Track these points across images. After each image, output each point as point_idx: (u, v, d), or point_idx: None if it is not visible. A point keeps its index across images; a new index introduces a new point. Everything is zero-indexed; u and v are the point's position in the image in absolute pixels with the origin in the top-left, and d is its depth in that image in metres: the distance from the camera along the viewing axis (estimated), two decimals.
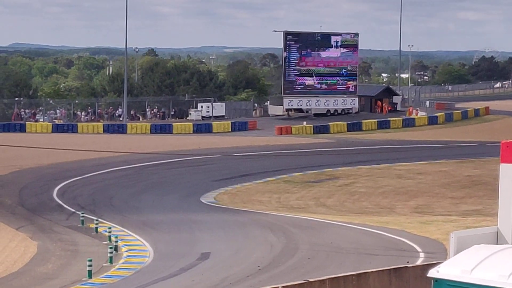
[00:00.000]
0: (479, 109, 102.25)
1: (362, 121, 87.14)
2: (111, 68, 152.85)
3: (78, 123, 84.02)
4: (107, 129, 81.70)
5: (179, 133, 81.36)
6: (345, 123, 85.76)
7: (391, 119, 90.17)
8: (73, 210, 40.65)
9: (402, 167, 57.52)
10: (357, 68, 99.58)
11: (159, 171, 54.79)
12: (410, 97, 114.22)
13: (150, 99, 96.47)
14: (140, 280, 26.40)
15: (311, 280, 15.95)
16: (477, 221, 35.84)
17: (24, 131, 79.71)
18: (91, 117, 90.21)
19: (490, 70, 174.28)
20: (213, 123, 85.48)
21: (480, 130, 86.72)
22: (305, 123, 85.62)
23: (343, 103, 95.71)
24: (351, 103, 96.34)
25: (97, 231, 35.06)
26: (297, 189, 48.73)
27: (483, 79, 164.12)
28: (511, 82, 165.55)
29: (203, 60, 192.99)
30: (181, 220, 37.98)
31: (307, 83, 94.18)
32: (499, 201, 15.06)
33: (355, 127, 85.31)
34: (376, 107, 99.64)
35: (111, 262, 29.24)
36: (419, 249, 30.03)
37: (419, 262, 26.44)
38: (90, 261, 27.38)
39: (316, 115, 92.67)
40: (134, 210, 41.18)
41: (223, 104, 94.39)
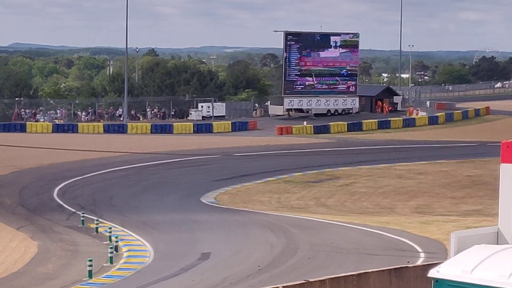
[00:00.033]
0: (479, 109, 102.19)
1: (363, 121, 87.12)
2: (111, 68, 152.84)
3: (79, 123, 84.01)
4: (107, 129, 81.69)
5: (179, 133, 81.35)
6: (346, 123, 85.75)
7: (392, 119, 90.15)
8: (74, 210, 40.64)
9: (402, 167, 57.51)
10: (357, 68, 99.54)
11: (159, 171, 54.78)
12: (411, 97, 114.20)
13: (151, 99, 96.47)
14: (140, 280, 26.40)
15: (311, 280, 15.95)
16: (478, 221, 35.82)
17: (25, 131, 79.71)
18: (91, 117, 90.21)
19: (490, 70, 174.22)
20: (213, 123, 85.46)
21: (481, 130, 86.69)
22: (305, 123, 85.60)
23: (343, 103, 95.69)
24: (352, 103, 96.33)
25: (97, 231, 35.07)
26: (298, 189, 48.71)
27: (483, 79, 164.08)
28: (511, 82, 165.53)
29: (204, 60, 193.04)
30: (181, 220, 37.97)
31: (307, 83, 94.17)
32: (500, 201, 15.05)
33: (355, 127, 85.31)
34: (377, 107, 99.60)
35: (111, 262, 29.24)
36: (419, 249, 30.02)
37: (419, 262, 26.43)
38: (90, 261, 27.39)
39: (316, 115, 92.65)
40: (135, 210, 41.17)
41: (224, 104, 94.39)
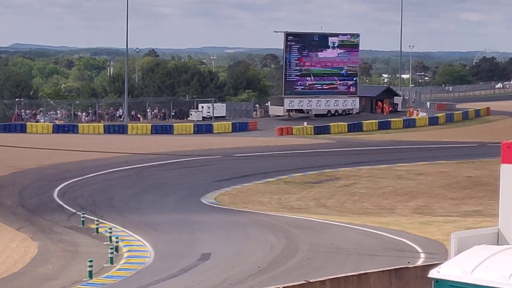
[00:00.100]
0: (480, 109, 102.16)
1: (363, 121, 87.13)
2: (111, 69, 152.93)
3: (79, 124, 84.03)
4: (107, 130, 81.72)
5: (179, 133, 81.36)
6: (346, 123, 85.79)
7: (392, 119, 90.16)
8: (74, 210, 40.65)
9: (402, 168, 57.51)
10: (357, 68, 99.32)
11: (159, 171, 54.78)
12: (411, 97, 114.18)
13: (151, 99, 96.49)
14: (140, 281, 26.39)
15: (311, 280, 15.95)
16: (478, 222, 35.82)
17: (25, 131, 79.74)
18: (91, 117, 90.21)
19: (491, 70, 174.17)
20: (213, 123, 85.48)
21: (481, 130, 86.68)
22: (305, 123, 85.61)
23: (343, 104, 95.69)
24: (352, 103, 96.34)
25: (97, 231, 35.07)
26: (298, 190, 48.71)
27: (483, 80, 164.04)
28: (511, 82, 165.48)
29: (204, 61, 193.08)
30: (181, 221, 37.97)
31: (307, 84, 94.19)
32: (500, 201, 15.04)
33: (355, 127, 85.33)
34: (377, 107, 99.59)
35: (111, 262, 29.25)
36: (419, 250, 30.02)
37: (419, 262, 26.42)
38: (90, 261, 27.40)
39: (316, 115, 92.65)
40: (135, 211, 41.17)
41: (224, 104, 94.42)
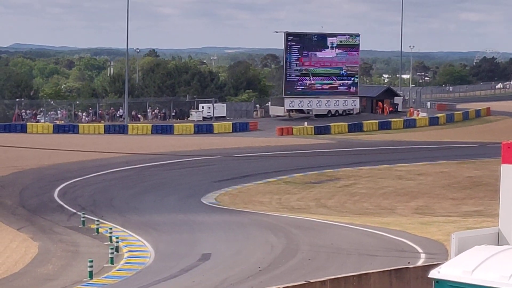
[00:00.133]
0: (480, 110, 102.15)
1: (363, 122, 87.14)
2: (112, 69, 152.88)
3: (79, 124, 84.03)
4: (108, 130, 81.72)
5: (180, 133, 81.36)
6: (346, 124, 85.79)
7: (392, 120, 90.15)
8: (74, 210, 40.65)
9: (403, 168, 57.50)
10: (356, 68, 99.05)
11: (160, 172, 54.78)
12: (411, 98, 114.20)
13: (151, 99, 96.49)
14: (141, 281, 26.39)
15: (312, 281, 15.94)
16: (478, 222, 35.81)
17: (25, 131, 79.74)
18: (92, 117, 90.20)
19: (491, 71, 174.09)
20: (214, 123, 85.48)
21: (481, 131, 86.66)
22: (306, 123, 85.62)
23: (344, 104, 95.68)
24: (352, 104, 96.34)
25: (98, 231, 35.07)
26: (298, 190, 48.70)
27: (484, 80, 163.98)
28: None
29: (204, 61, 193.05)
30: (182, 221, 37.97)
31: (308, 84, 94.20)
32: (500, 202, 15.03)
33: (356, 128, 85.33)
34: (377, 108, 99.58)
35: (112, 262, 29.25)
36: (420, 250, 30.01)
37: (420, 263, 26.42)
38: (91, 261, 27.40)
39: (317, 115, 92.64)
40: (135, 211, 41.18)
41: (224, 104, 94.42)
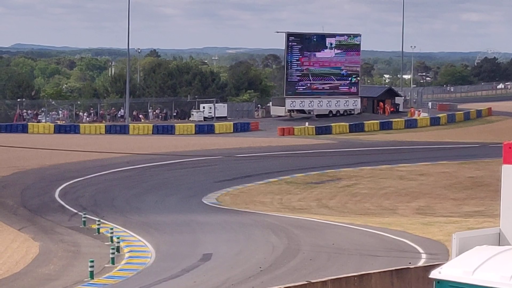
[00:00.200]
0: (481, 110, 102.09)
1: (364, 122, 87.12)
2: (113, 69, 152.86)
3: (80, 124, 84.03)
4: (109, 130, 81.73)
5: (181, 134, 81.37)
6: (347, 124, 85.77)
7: (393, 120, 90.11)
8: (75, 211, 40.65)
9: (404, 168, 57.49)
10: (356, 68, 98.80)
11: (161, 172, 54.78)
12: (412, 98, 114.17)
13: (152, 100, 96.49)
14: (142, 281, 26.39)
15: (313, 281, 15.93)
16: (479, 222, 35.79)
17: (26, 132, 79.77)
18: (93, 118, 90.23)
19: (492, 71, 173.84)
20: (215, 124, 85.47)
21: (483, 131, 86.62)
22: (307, 124, 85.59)
23: (345, 104, 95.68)
24: (354, 104, 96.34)
25: (99, 232, 35.07)
26: (299, 190, 48.69)
27: (485, 80, 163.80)
28: None
29: (206, 61, 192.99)
30: (183, 221, 37.96)
31: (309, 84, 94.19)
32: (501, 202, 15.02)
33: (357, 128, 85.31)
34: (378, 108, 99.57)
35: (113, 263, 29.25)
36: (421, 250, 30.00)
37: (421, 263, 26.42)
38: (92, 262, 27.40)
39: (318, 116, 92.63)
40: (136, 211, 41.17)
41: (225, 105, 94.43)
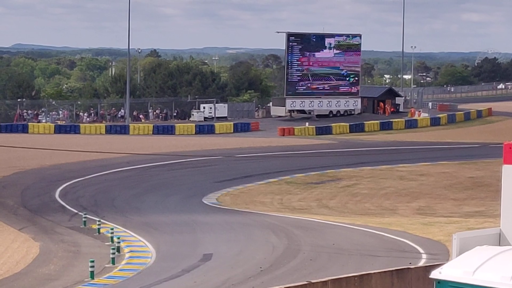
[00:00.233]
0: (481, 110, 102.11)
1: (365, 122, 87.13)
2: (113, 69, 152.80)
3: (81, 124, 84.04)
4: (109, 130, 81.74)
5: (181, 134, 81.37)
6: (348, 124, 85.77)
7: (394, 120, 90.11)
8: (76, 211, 40.64)
9: (404, 169, 57.49)
10: (358, 69, 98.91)
11: (161, 172, 54.79)
12: (413, 98, 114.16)
13: (153, 100, 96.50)
14: (142, 281, 26.39)
15: (313, 281, 15.93)
16: (480, 223, 35.78)
17: (27, 132, 79.78)
18: (93, 118, 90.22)
19: (492, 71, 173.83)
20: (215, 124, 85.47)
21: (483, 131, 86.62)
22: (307, 124, 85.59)
23: (345, 104, 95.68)
24: (354, 104, 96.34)
25: (99, 232, 35.06)
26: (299, 190, 48.68)
27: (485, 81, 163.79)
28: None
29: (206, 61, 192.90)
30: (183, 221, 37.96)
31: (309, 84, 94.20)
32: (502, 202, 15.02)
33: (357, 128, 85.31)
34: (379, 108, 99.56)
35: (113, 263, 29.25)
36: (421, 251, 30.00)
37: (421, 263, 26.41)
38: (92, 262, 27.40)
39: (318, 116, 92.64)
40: (136, 211, 41.17)
41: (226, 105, 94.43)
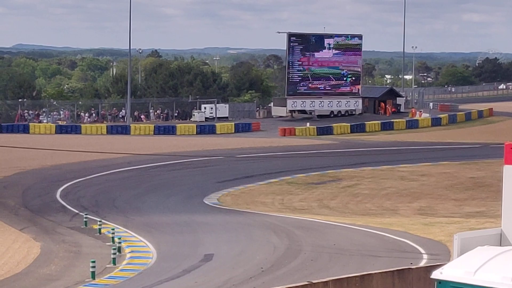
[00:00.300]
0: (482, 110, 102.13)
1: (366, 122, 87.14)
2: (114, 69, 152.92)
3: (82, 124, 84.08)
4: (110, 130, 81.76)
5: (182, 134, 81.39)
6: (349, 124, 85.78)
7: (395, 120, 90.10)
8: (77, 211, 40.65)
9: (405, 169, 57.47)
10: (358, 69, 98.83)
11: (162, 172, 54.80)
12: (414, 98, 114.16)
13: (154, 100, 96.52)
14: (143, 282, 26.38)
15: (314, 281, 15.93)
16: (481, 223, 35.76)
17: (28, 132, 79.81)
18: (94, 118, 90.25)
19: (493, 71, 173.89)
20: (216, 124, 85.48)
21: (484, 131, 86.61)
22: (308, 124, 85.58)
23: (346, 105, 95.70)
24: (355, 104, 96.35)
25: (100, 232, 35.06)
26: (300, 191, 48.68)
27: (486, 81, 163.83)
28: None
29: (207, 61, 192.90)
30: (184, 222, 37.96)
31: (310, 85, 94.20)
32: (503, 202, 15.01)
33: (358, 128, 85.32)
34: (380, 108, 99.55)
35: (114, 263, 29.24)
36: (422, 251, 29.98)
37: (422, 263, 26.40)
38: (93, 262, 27.39)
39: (319, 116, 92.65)
40: (137, 211, 41.17)
41: (227, 105, 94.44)
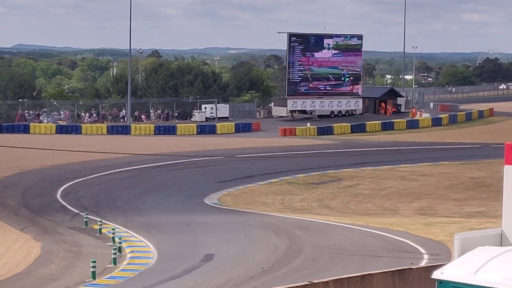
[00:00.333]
0: (483, 110, 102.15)
1: (366, 122, 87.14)
2: (115, 70, 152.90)
3: (82, 124, 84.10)
4: (111, 130, 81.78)
5: (183, 134, 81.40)
6: (349, 124, 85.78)
7: (395, 120, 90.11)
8: (77, 211, 40.65)
9: (405, 169, 57.46)
10: (359, 69, 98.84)
11: (162, 172, 54.81)
12: (414, 98, 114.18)
13: (154, 100, 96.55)
14: (143, 281, 26.38)
15: (315, 281, 15.93)
16: (481, 223, 35.76)
17: (28, 132, 79.83)
18: (94, 118, 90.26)
19: (494, 71, 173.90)
20: (217, 124, 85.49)
21: (484, 131, 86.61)
22: (309, 124, 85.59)
23: (347, 105, 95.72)
24: (355, 104, 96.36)
25: (100, 232, 35.06)
26: (301, 191, 48.68)
27: (487, 81, 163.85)
28: None
29: (207, 61, 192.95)
30: (184, 222, 37.96)
31: (311, 85, 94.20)
32: (503, 202, 15.01)
33: (359, 128, 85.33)
34: (380, 108, 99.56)
35: (114, 263, 29.23)
36: (423, 251, 29.98)
37: (423, 263, 26.40)
38: (93, 262, 27.39)
39: (320, 116, 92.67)
40: (138, 211, 41.17)
41: (227, 105, 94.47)
